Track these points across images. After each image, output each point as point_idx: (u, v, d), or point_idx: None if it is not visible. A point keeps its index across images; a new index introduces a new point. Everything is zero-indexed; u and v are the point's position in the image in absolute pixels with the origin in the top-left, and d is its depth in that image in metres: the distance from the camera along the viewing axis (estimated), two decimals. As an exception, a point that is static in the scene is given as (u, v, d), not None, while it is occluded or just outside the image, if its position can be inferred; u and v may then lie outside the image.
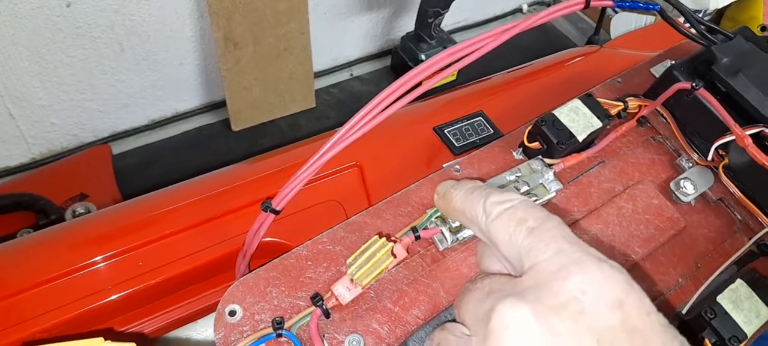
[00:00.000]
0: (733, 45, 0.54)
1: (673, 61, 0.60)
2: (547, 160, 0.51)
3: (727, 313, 0.44)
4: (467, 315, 0.32)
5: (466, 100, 0.73)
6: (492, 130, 0.66)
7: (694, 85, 0.52)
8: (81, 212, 1.04)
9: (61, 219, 1.02)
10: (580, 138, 0.50)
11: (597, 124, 0.51)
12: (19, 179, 1.31)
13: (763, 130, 0.49)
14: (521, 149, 0.53)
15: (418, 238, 0.45)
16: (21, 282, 0.51)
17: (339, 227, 0.47)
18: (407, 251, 0.44)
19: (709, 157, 0.54)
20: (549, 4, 2.14)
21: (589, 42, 1.69)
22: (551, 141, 0.50)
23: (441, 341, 0.33)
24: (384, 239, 0.43)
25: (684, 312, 0.46)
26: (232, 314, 0.42)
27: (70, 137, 1.40)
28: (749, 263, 0.51)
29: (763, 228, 0.52)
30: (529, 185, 0.49)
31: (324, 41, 1.61)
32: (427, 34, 1.54)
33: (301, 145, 0.68)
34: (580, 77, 0.77)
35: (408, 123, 0.68)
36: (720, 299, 0.45)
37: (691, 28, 0.58)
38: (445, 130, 0.66)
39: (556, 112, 0.51)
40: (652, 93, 0.58)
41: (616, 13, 1.51)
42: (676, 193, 0.52)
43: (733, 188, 0.53)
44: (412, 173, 0.53)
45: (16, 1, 1.10)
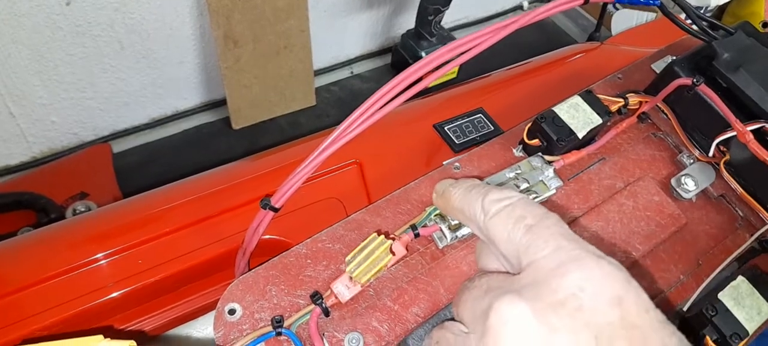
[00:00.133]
0: (734, 40, 0.54)
1: (673, 57, 0.60)
2: (547, 158, 0.51)
3: (728, 310, 0.44)
4: (465, 313, 0.32)
5: (467, 97, 0.72)
6: (492, 128, 0.66)
7: (695, 80, 0.52)
8: (81, 210, 1.04)
9: (62, 218, 1.02)
10: (580, 135, 0.50)
11: (597, 120, 0.51)
12: (19, 177, 1.31)
13: (764, 126, 0.49)
14: (521, 146, 0.53)
15: (418, 236, 0.45)
16: (21, 280, 0.51)
17: (338, 224, 0.47)
18: (407, 248, 0.44)
19: (711, 154, 0.53)
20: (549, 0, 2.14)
21: (590, 39, 1.69)
22: (551, 138, 0.50)
23: (440, 339, 0.33)
24: (383, 236, 0.43)
25: (685, 309, 0.46)
26: (232, 312, 0.42)
27: (70, 136, 1.41)
28: (751, 259, 0.50)
29: (765, 224, 0.52)
30: (529, 182, 0.49)
31: (324, 39, 1.61)
32: (428, 32, 1.54)
33: (300, 142, 0.68)
34: (580, 74, 0.77)
35: (408, 120, 0.68)
36: (721, 296, 0.45)
37: (692, 24, 0.58)
38: (445, 128, 0.65)
39: (556, 109, 0.51)
40: (653, 89, 0.58)
41: (617, 9, 1.51)
42: (677, 189, 0.52)
43: (735, 184, 0.53)
44: (412, 170, 0.53)
45: (16, -1, 1.10)
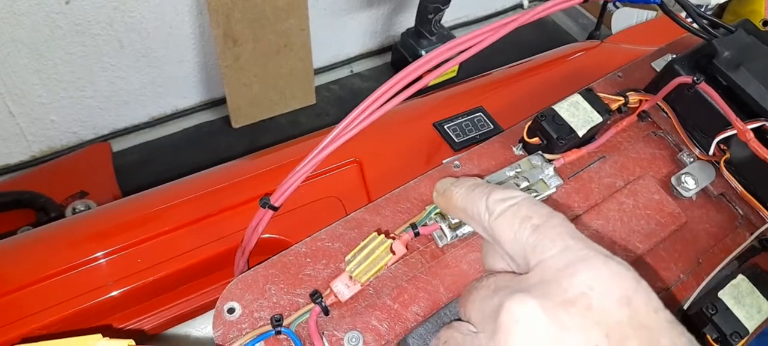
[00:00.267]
0: (735, 39, 0.53)
1: (674, 56, 0.60)
2: (547, 156, 0.51)
3: (728, 309, 0.44)
4: (474, 312, 0.32)
5: (466, 96, 0.72)
6: (492, 126, 0.66)
7: (695, 79, 0.52)
8: (81, 209, 1.04)
9: (62, 217, 1.02)
10: (581, 133, 0.50)
11: (597, 119, 0.51)
12: (19, 176, 1.31)
13: (764, 125, 0.49)
14: (521, 145, 0.53)
15: (418, 234, 0.45)
16: (20, 279, 0.51)
17: (338, 223, 0.47)
18: (406, 247, 0.44)
19: (711, 152, 0.53)
20: None
21: (591, 37, 1.69)
22: (551, 136, 0.50)
23: (448, 339, 0.33)
24: (383, 235, 0.43)
25: (685, 308, 0.46)
26: (231, 311, 0.41)
27: (69, 135, 1.40)
28: (751, 258, 0.50)
29: (765, 223, 0.52)
30: (529, 181, 0.49)
31: (324, 38, 1.61)
32: (428, 30, 1.54)
33: (299, 141, 0.68)
34: (580, 72, 0.77)
35: (407, 119, 0.68)
36: (721, 294, 0.45)
37: (692, 22, 0.58)
38: (445, 126, 0.65)
39: (556, 107, 0.51)
40: (653, 87, 0.57)
41: (617, 7, 1.50)
42: (677, 188, 0.52)
43: (735, 183, 0.53)
44: (412, 169, 0.53)
45: (15, -2, 1.10)
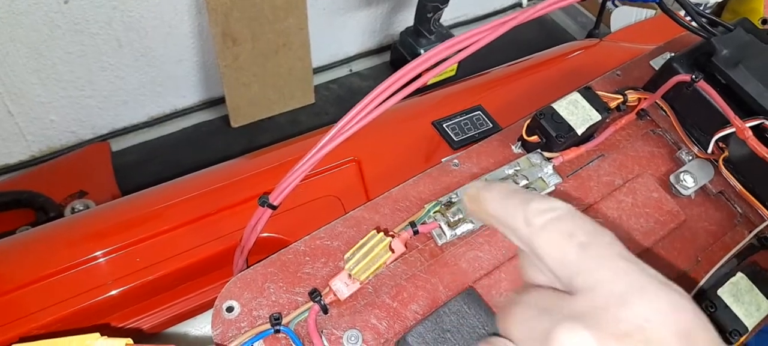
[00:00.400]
0: (733, 37, 0.53)
1: (672, 54, 0.60)
2: (546, 154, 0.51)
3: (727, 306, 0.44)
4: (517, 331, 0.30)
5: (465, 95, 0.72)
6: (491, 125, 0.66)
7: (694, 77, 0.52)
8: (80, 209, 1.04)
9: (61, 216, 1.02)
10: (579, 131, 0.50)
11: (596, 117, 0.51)
12: (18, 176, 1.31)
13: (763, 123, 0.49)
14: (520, 143, 0.53)
15: (417, 233, 0.45)
16: (19, 278, 0.51)
17: (337, 222, 0.47)
18: (405, 246, 0.44)
19: (709, 150, 0.53)
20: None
21: (590, 36, 1.69)
22: (550, 134, 0.50)
23: None
24: (382, 234, 0.43)
25: (684, 306, 0.46)
26: (230, 310, 0.41)
27: (68, 134, 1.40)
28: (750, 256, 0.50)
29: (764, 221, 0.52)
30: (528, 179, 0.49)
31: (323, 37, 1.60)
32: (427, 29, 1.54)
33: (298, 140, 0.68)
34: (579, 71, 0.77)
35: (406, 117, 0.68)
36: (720, 292, 0.45)
37: (691, 21, 0.58)
38: (444, 125, 0.65)
39: (555, 106, 0.51)
40: (652, 86, 0.57)
41: (616, 6, 1.50)
42: (676, 186, 0.52)
43: (734, 181, 0.53)
44: (411, 167, 0.53)
45: (14, -3, 1.10)
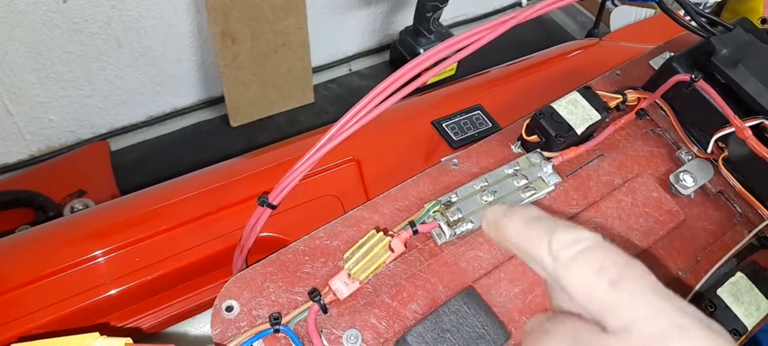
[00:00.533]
0: (733, 36, 0.53)
1: (672, 54, 0.60)
2: (546, 154, 0.51)
3: (727, 306, 0.44)
4: None
5: (465, 94, 0.72)
6: (490, 124, 0.66)
7: (693, 76, 0.52)
8: (79, 208, 1.04)
9: (60, 216, 1.02)
10: (579, 131, 0.50)
11: (596, 116, 0.51)
12: (17, 175, 1.30)
13: (762, 122, 0.49)
14: (520, 143, 0.53)
15: (416, 232, 0.45)
16: (18, 278, 0.51)
17: (336, 221, 0.47)
18: (405, 245, 0.44)
19: (709, 150, 0.53)
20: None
21: (589, 35, 1.69)
22: (550, 134, 0.50)
23: None
24: (381, 233, 0.43)
25: (683, 305, 0.46)
26: (229, 309, 0.41)
27: (68, 134, 1.40)
28: (749, 255, 0.50)
29: (764, 220, 0.52)
30: (528, 179, 0.49)
31: (322, 36, 1.60)
32: (426, 29, 1.53)
33: (298, 139, 0.68)
34: (579, 70, 0.77)
35: (406, 117, 0.68)
36: (720, 292, 0.45)
37: (691, 20, 0.58)
38: (444, 124, 0.65)
39: (555, 105, 0.51)
40: (651, 85, 0.57)
41: (616, 5, 1.50)
42: (676, 186, 0.52)
43: (733, 181, 0.53)
44: (410, 167, 0.53)
45: (13, -3, 1.10)
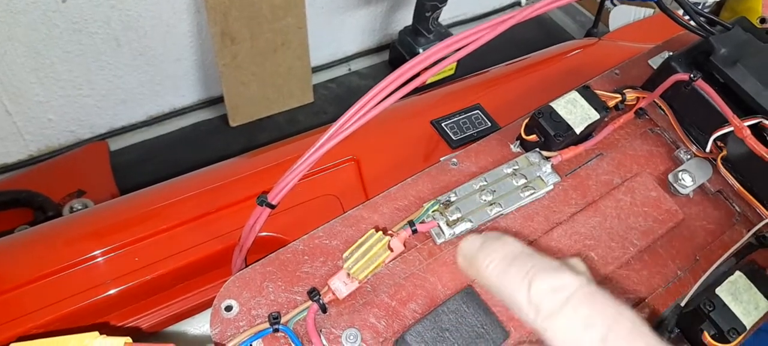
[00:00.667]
0: (731, 36, 0.53)
1: (671, 53, 0.60)
2: (545, 153, 0.51)
3: (725, 305, 0.44)
4: None
5: (464, 94, 0.72)
6: (489, 124, 0.66)
7: (692, 76, 0.52)
8: (79, 208, 1.04)
9: (59, 215, 1.02)
10: (578, 130, 0.50)
11: (595, 116, 0.51)
12: (16, 175, 1.30)
13: (761, 121, 0.49)
14: (519, 142, 0.53)
15: (415, 232, 0.45)
16: (17, 278, 0.51)
17: (336, 221, 0.47)
18: (404, 245, 0.44)
19: (708, 149, 0.53)
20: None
21: (588, 34, 1.69)
22: (548, 133, 0.50)
23: None
24: (381, 233, 0.43)
25: (683, 305, 0.46)
26: (229, 309, 0.41)
27: (67, 134, 1.40)
28: (748, 254, 0.50)
29: (762, 219, 0.52)
30: (527, 178, 0.49)
31: (321, 36, 1.60)
32: (425, 28, 1.53)
33: (297, 139, 0.68)
34: (578, 69, 0.77)
35: (405, 116, 0.68)
36: (719, 291, 0.45)
37: (689, 20, 0.58)
38: (443, 124, 0.65)
39: (554, 105, 0.51)
40: (650, 85, 0.58)
41: (615, 5, 1.50)
42: (675, 185, 0.52)
43: (732, 180, 0.53)
44: (410, 166, 0.53)
45: (12, -4, 1.10)
